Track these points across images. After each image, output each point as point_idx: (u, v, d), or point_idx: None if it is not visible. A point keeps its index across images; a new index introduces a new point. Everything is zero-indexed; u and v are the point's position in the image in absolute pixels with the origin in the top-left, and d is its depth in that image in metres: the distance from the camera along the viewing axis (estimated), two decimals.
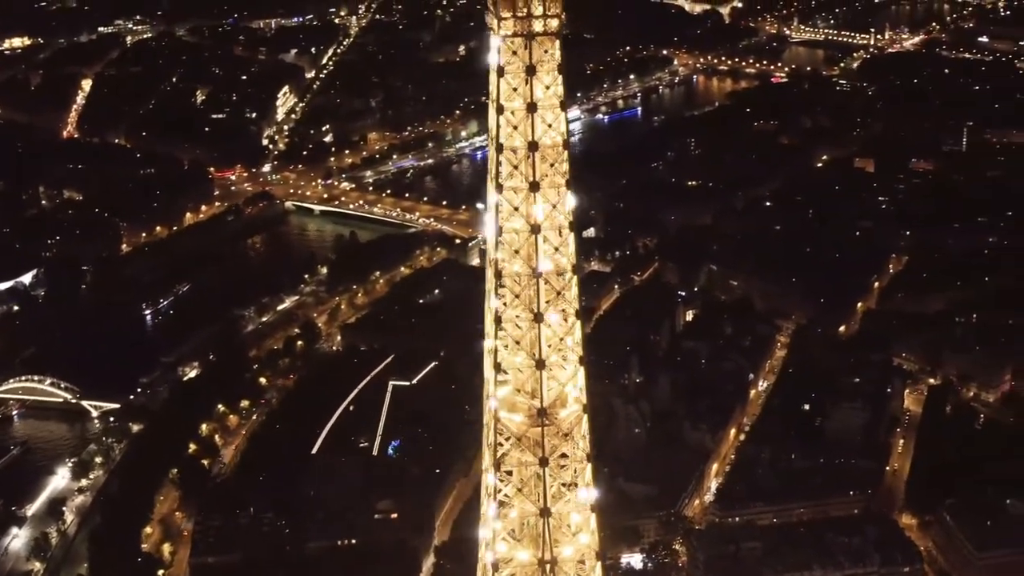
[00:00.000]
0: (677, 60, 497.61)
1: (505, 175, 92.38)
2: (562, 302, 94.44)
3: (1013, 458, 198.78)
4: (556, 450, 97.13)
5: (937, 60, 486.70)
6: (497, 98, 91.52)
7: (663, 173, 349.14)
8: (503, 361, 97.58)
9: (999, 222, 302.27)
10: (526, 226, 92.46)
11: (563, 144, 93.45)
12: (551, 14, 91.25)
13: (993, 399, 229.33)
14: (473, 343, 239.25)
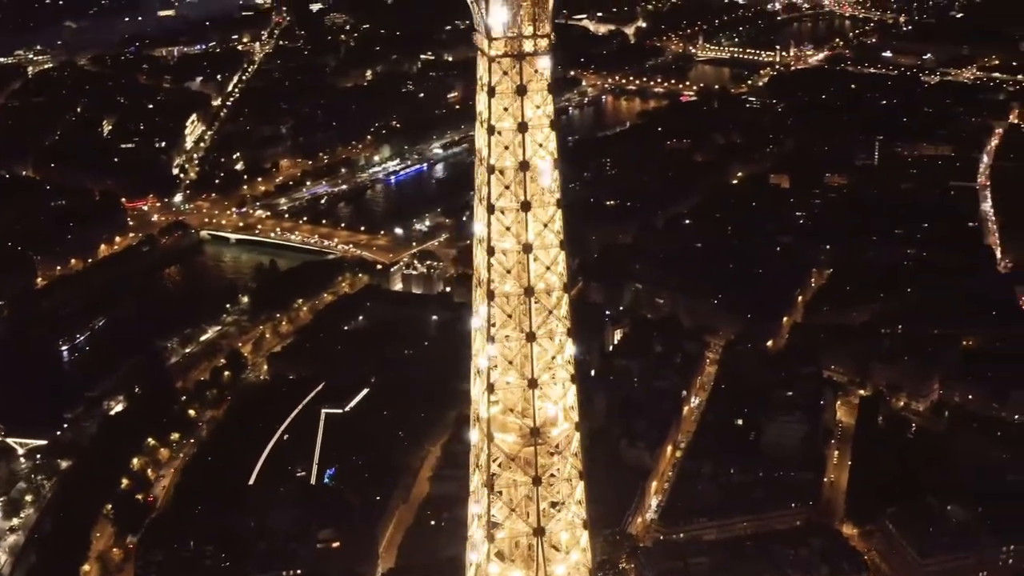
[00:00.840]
0: (585, 81, 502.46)
1: (496, 195, 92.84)
2: (553, 321, 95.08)
3: (948, 465, 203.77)
4: (548, 469, 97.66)
5: (843, 76, 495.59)
6: (488, 119, 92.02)
7: (580, 193, 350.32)
8: (493, 382, 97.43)
9: (915, 234, 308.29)
10: (517, 245, 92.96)
11: (553, 163, 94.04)
12: (541, 34, 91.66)
13: (923, 408, 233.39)
14: (403, 369, 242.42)
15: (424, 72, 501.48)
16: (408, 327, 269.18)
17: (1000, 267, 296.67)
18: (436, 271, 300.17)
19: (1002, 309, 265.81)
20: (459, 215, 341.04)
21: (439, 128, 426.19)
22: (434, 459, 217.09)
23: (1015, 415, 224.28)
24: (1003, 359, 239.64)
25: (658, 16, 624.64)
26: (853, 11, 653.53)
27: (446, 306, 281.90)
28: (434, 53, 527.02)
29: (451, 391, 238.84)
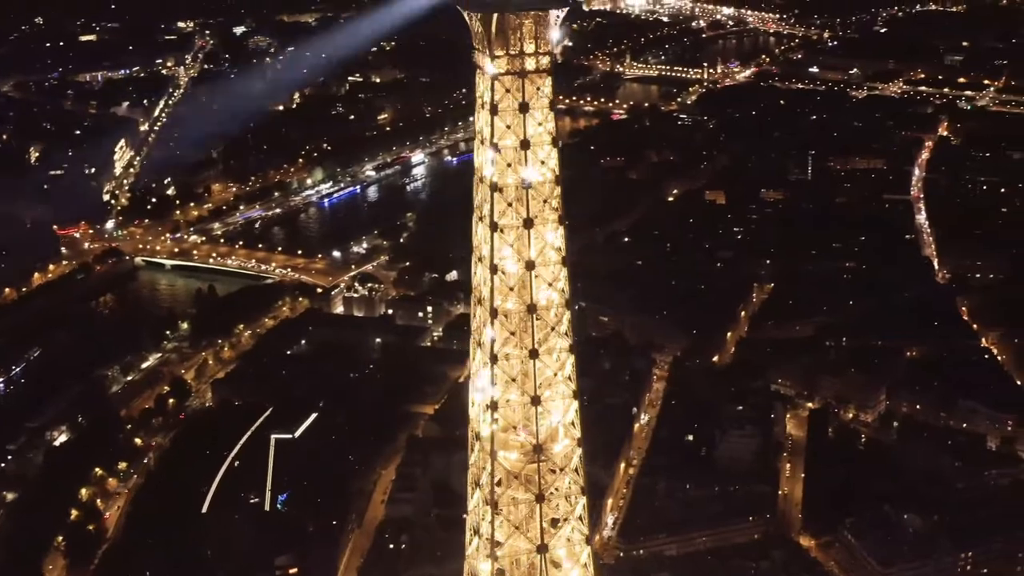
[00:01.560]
0: None
1: (499, 213, 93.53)
2: (555, 337, 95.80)
3: (899, 475, 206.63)
4: (551, 486, 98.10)
5: (772, 92, 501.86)
6: (491, 136, 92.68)
7: None
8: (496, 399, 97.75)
9: (853, 247, 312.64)
10: (520, 263, 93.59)
11: (555, 180, 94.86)
12: (542, 51, 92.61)
13: (871, 419, 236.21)
14: (350, 393, 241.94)
15: (353, 94, 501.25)
16: (352, 350, 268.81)
17: (939, 278, 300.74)
18: (377, 293, 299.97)
19: (944, 319, 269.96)
20: (397, 236, 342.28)
21: (371, 150, 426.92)
22: (387, 482, 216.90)
23: (963, 423, 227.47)
24: (948, 368, 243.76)
25: (584, 35, 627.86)
26: (777, 28, 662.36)
27: (389, 329, 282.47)
28: (362, 75, 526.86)
29: (400, 414, 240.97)
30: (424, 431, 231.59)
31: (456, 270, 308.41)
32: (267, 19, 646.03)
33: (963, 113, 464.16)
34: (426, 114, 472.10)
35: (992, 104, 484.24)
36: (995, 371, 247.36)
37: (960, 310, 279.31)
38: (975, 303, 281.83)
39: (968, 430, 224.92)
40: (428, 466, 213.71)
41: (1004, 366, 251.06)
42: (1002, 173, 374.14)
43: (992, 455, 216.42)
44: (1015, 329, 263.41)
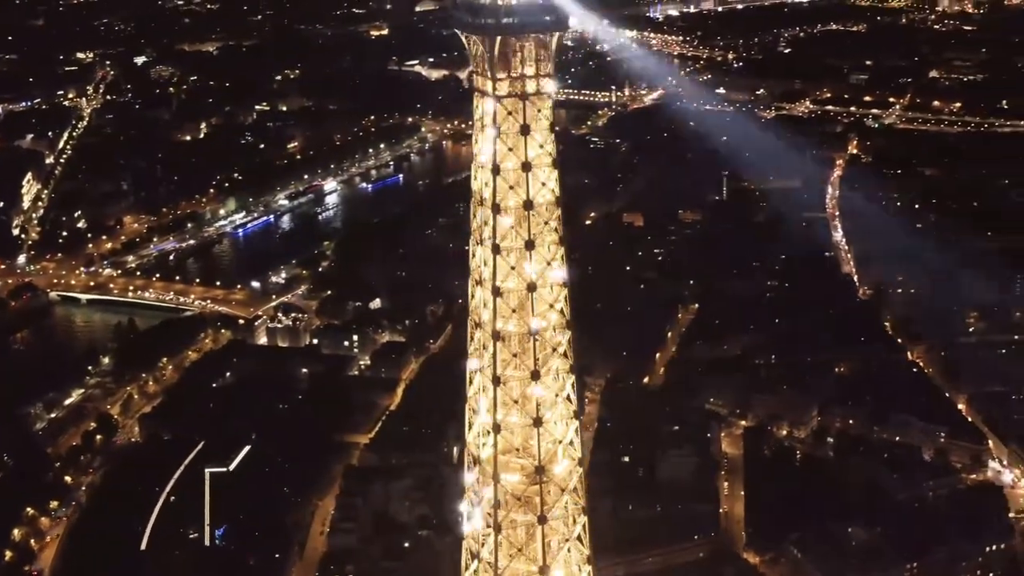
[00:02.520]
0: (424, 127, 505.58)
1: (501, 235, 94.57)
2: (555, 358, 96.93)
3: (839, 489, 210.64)
4: (552, 507, 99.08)
5: (682, 113, 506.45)
6: (493, 159, 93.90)
7: (437, 239, 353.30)
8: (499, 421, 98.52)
9: (774, 265, 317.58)
10: (522, 284, 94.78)
11: (555, 202, 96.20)
12: (543, 74, 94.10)
13: (804, 435, 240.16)
14: (281, 424, 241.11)
15: (261, 122, 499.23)
16: (279, 381, 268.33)
17: (860, 294, 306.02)
18: (301, 323, 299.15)
19: (869, 335, 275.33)
20: (316, 265, 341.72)
21: (282, 179, 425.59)
22: (325, 513, 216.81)
23: (896, 436, 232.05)
24: (878, 383, 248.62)
25: None
26: (682, 50, 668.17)
27: (315, 358, 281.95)
28: (269, 103, 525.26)
29: (333, 444, 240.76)
30: (360, 460, 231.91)
31: (379, 297, 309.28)
32: (168, 49, 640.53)
33: (871, 131, 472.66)
34: (336, 142, 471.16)
35: (899, 122, 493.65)
36: (923, 384, 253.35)
37: (883, 325, 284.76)
38: (897, 318, 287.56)
39: (902, 443, 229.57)
40: (368, 496, 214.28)
41: (932, 379, 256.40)
42: (915, 190, 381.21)
43: (928, 466, 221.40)
44: (939, 342, 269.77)
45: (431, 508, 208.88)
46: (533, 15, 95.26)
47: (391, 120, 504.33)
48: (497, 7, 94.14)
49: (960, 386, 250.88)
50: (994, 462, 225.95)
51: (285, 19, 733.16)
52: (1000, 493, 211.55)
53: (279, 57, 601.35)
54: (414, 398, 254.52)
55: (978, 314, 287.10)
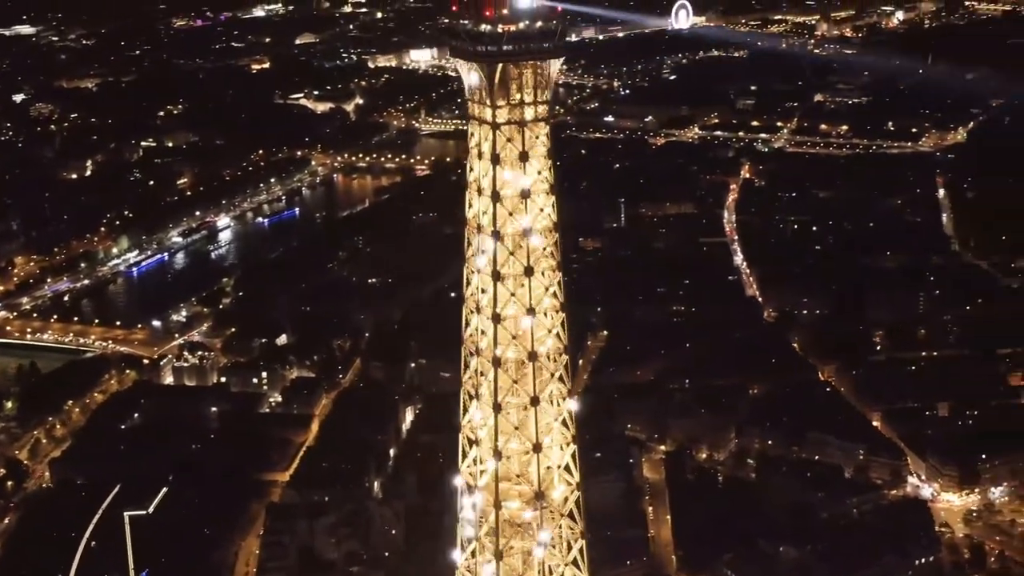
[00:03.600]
0: (315, 160, 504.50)
1: (502, 262, 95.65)
2: (554, 383, 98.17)
3: (765, 509, 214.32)
4: (551, 531, 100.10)
5: (573, 142, 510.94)
6: (493, 186, 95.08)
7: (339, 273, 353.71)
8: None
9: (679, 291, 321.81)
10: (521, 311, 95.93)
11: (553, 228, 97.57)
12: (541, 100, 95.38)
13: (724, 458, 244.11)
14: (195, 464, 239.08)
15: (148, 159, 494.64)
16: (189, 421, 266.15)
17: (765, 317, 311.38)
18: (208, 361, 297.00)
19: (779, 356, 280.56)
20: (216, 302, 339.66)
21: (174, 216, 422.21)
22: (248, 553, 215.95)
23: (815, 455, 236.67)
24: (792, 403, 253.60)
25: (375, 92, 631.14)
26: (567, 78, 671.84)
27: (224, 397, 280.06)
28: (155, 139, 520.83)
29: (250, 482, 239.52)
30: (282, 498, 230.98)
31: (285, 333, 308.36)
32: (46, 86, 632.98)
33: (762, 155, 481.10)
34: (226, 177, 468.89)
35: (788, 145, 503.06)
36: (837, 403, 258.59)
37: (792, 347, 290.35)
38: (805, 339, 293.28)
39: (822, 461, 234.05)
40: (294, 534, 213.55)
41: (845, 397, 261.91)
42: (810, 212, 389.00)
43: (850, 483, 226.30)
44: (849, 362, 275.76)
45: (360, 544, 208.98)
46: (533, 42, 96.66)
47: (280, 154, 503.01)
48: (498, 34, 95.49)
49: (873, 404, 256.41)
50: (913, 477, 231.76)
51: (164, 54, 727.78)
52: (925, 507, 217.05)
53: (161, 92, 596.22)
54: (331, 433, 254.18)
55: (883, 332, 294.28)
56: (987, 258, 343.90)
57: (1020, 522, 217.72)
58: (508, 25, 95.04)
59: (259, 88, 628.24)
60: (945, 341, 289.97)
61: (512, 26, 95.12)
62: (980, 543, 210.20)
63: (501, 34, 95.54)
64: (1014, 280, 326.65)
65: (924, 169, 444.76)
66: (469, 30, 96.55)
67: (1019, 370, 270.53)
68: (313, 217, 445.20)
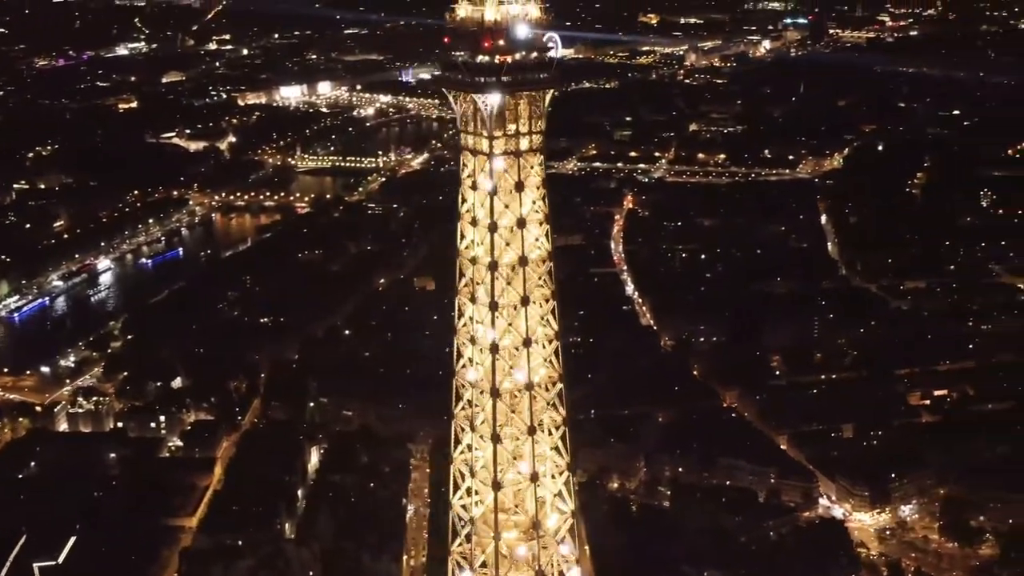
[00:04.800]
0: (192, 200, 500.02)
1: (499, 292, 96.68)
2: (550, 411, 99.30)
3: (683, 535, 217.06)
4: (545, 560, 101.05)
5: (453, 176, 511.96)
6: (491, 215, 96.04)
7: (230, 313, 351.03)
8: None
9: (574, 321, 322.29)
10: (517, 340, 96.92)
11: (547, 257, 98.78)
12: (536, 131, 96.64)
13: (636, 486, 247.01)
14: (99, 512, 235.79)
15: (21, 202, 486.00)
16: (88, 468, 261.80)
17: (663, 345, 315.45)
18: (103, 407, 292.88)
19: (681, 383, 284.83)
20: (106, 346, 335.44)
21: (53, 259, 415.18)
22: None
23: (726, 480, 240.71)
24: (700, 429, 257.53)
25: (248, 130, 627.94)
26: (440, 112, 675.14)
27: (123, 442, 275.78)
28: (27, 181, 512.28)
29: (157, 528, 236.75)
30: (194, 543, 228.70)
31: (180, 376, 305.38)
32: None
33: (644, 185, 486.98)
34: (103, 219, 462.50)
35: (667, 175, 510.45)
36: (744, 427, 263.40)
37: (692, 374, 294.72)
38: (704, 366, 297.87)
39: (734, 486, 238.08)
40: None
41: (751, 422, 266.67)
42: (696, 240, 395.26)
43: (764, 507, 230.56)
44: (750, 387, 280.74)
45: None
46: (530, 72, 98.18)
47: (156, 194, 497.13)
48: (498, 65, 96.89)
49: (778, 427, 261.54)
50: (823, 499, 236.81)
51: (28, 94, 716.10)
52: (842, 527, 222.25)
53: (29, 133, 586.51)
54: (237, 476, 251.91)
55: (780, 357, 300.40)
56: (875, 281, 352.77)
57: (932, 538, 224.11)
58: (505, 56, 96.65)
59: (129, 127, 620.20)
60: (842, 364, 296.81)
61: (509, 57, 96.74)
62: (896, 561, 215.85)
63: (501, 65, 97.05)
64: (904, 302, 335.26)
65: (804, 195, 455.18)
66: (468, 62, 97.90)
67: (917, 390, 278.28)
68: (198, 257, 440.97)
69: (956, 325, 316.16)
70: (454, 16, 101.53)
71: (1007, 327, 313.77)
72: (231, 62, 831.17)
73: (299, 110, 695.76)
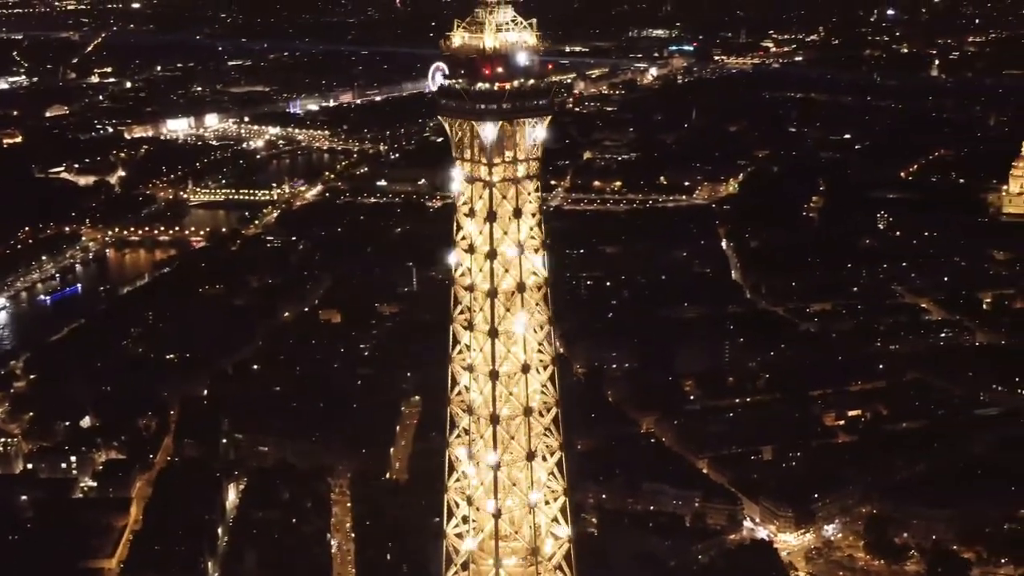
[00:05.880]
0: (85, 236, 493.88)
1: (499, 319, 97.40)
2: (546, 436, 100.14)
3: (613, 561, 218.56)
4: None
5: (350, 208, 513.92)
6: (491, 242, 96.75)
7: (135, 350, 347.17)
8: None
9: None
10: (517, 366, 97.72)
11: (544, 282, 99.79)
12: (533, 157, 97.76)
13: None
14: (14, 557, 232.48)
15: None
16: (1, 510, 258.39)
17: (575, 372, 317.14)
18: (12, 448, 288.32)
19: (597, 411, 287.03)
20: (8, 386, 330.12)
21: None
22: None
23: (651, 506, 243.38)
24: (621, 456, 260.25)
25: (137, 164, 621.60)
26: (331, 144, 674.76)
27: (34, 484, 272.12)
28: None
29: (78, 571, 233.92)
30: None
31: (88, 415, 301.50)
32: None
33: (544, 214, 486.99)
34: None
35: (565, 203, 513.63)
36: (665, 453, 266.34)
37: (608, 400, 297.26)
38: (619, 393, 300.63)
39: (659, 511, 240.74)
40: None
41: (670, 447, 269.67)
42: (600, 268, 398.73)
43: (691, 531, 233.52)
44: (667, 412, 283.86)
45: None
46: (529, 100, 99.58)
47: (48, 230, 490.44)
48: (500, 93, 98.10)
49: (698, 452, 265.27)
50: (747, 521, 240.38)
51: None
52: (771, 549, 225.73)
53: None
54: (155, 516, 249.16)
55: (693, 382, 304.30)
56: (781, 304, 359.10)
57: (858, 556, 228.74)
58: (504, 84, 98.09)
59: (14, 162, 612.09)
60: (755, 387, 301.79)
61: (508, 84, 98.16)
62: None
63: (501, 92, 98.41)
64: (811, 325, 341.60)
65: (703, 221, 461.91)
66: (467, 89, 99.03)
67: (832, 411, 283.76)
68: (96, 293, 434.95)
69: (864, 346, 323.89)
70: (449, 44, 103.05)
71: (914, 346, 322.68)
72: (115, 95, 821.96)
73: (188, 143, 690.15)
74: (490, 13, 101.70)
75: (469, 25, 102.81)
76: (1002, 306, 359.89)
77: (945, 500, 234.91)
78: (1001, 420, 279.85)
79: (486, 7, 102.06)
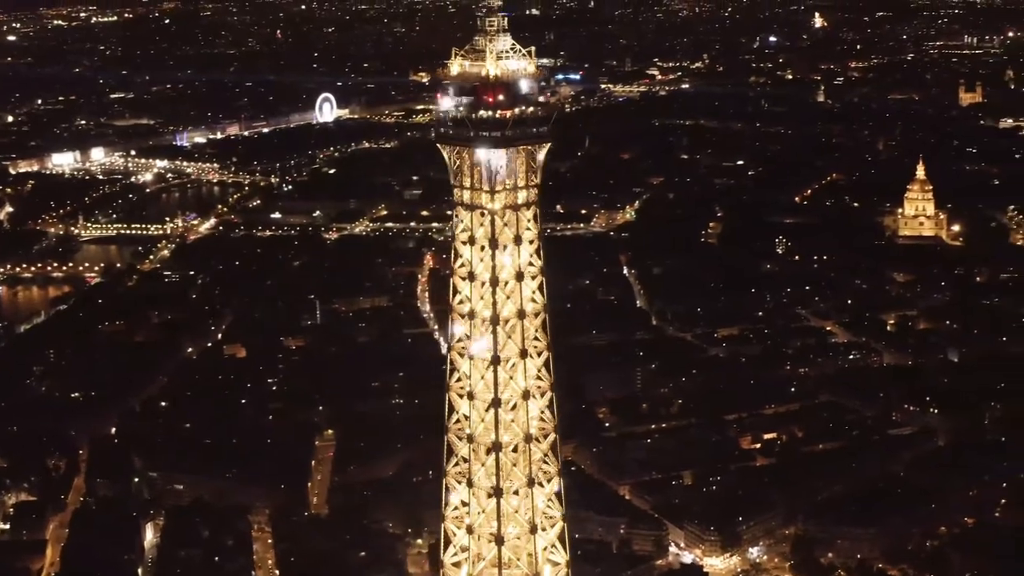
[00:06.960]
0: None
1: (501, 346, 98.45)
2: (544, 464, 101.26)
3: None
4: None
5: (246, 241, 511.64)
6: (493, 270, 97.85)
7: (38, 389, 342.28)
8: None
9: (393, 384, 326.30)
10: (517, 393, 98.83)
11: (543, 309, 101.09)
12: (532, 184, 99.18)
13: None
14: None
15: None
16: None
17: None
18: None
19: None
20: None
21: None
22: None
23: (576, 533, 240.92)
24: None
25: (24, 199, 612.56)
26: (222, 176, 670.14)
27: None
28: None
29: None
30: None
31: None
32: None
33: (443, 244, 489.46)
34: None
35: None
36: (586, 479, 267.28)
37: None
38: None
39: (584, 538, 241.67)
40: None
41: (591, 474, 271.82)
42: None
43: (619, 557, 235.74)
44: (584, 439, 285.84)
45: None
46: (530, 127, 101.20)
47: None
48: (503, 120, 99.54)
49: (618, 478, 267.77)
50: (673, 546, 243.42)
51: None
52: (702, 572, 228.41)
53: None
54: (73, 558, 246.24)
55: (607, 409, 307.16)
56: (689, 330, 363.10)
57: None
58: (505, 111, 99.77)
59: None
60: (669, 412, 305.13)
61: (509, 112, 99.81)
62: None
63: (503, 120, 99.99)
64: (720, 350, 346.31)
65: (604, 248, 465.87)
66: (468, 117, 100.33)
67: (748, 434, 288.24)
68: None
69: (774, 369, 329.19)
70: (447, 72, 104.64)
71: (823, 369, 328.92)
72: None
73: (75, 177, 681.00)
74: (490, 41, 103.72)
75: (468, 53, 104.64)
76: (906, 327, 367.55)
77: (867, 519, 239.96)
78: (915, 439, 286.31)
79: (486, 35, 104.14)
